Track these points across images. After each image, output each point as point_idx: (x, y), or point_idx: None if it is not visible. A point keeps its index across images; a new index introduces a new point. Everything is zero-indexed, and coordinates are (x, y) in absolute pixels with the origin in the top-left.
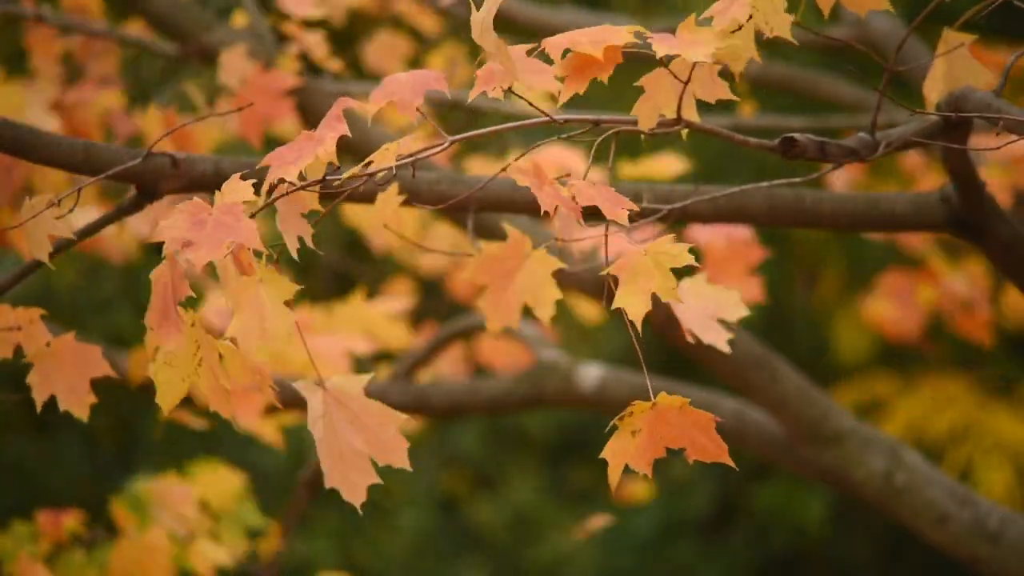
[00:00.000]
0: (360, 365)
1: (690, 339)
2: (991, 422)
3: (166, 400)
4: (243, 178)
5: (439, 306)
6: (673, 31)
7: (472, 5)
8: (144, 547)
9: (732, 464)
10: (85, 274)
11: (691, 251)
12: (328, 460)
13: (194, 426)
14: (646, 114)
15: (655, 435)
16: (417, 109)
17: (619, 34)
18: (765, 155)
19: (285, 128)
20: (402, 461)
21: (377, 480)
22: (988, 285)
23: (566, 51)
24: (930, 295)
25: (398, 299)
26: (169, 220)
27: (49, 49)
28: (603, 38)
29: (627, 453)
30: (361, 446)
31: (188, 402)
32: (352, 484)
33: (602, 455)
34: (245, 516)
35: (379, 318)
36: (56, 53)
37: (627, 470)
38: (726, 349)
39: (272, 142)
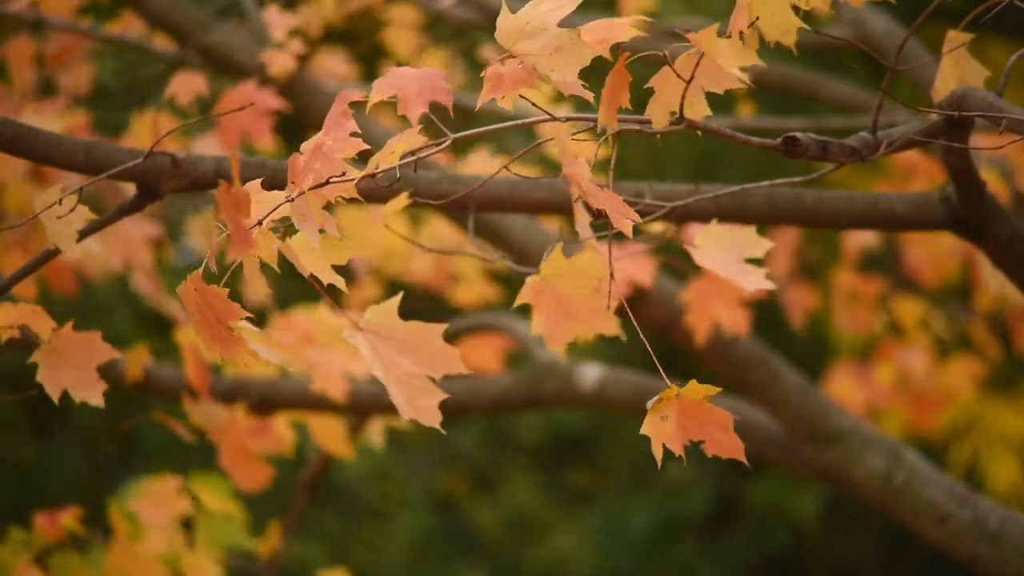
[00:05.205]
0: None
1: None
2: (993, 416)
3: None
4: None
5: (430, 316)
6: (674, 31)
7: (505, 6)
8: (136, 558)
9: (746, 462)
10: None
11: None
12: (396, 394)
13: (184, 438)
14: (658, 114)
15: (682, 424)
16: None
17: (623, 29)
18: (753, 162)
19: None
20: (457, 367)
21: (443, 396)
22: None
23: None
24: (889, 371)
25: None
26: None
27: (25, 56)
28: (608, 35)
29: (663, 435)
30: (413, 367)
31: (181, 415)
32: (421, 408)
33: (643, 431)
34: (235, 526)
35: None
36: (31, 60)
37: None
38: (769, 286)
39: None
